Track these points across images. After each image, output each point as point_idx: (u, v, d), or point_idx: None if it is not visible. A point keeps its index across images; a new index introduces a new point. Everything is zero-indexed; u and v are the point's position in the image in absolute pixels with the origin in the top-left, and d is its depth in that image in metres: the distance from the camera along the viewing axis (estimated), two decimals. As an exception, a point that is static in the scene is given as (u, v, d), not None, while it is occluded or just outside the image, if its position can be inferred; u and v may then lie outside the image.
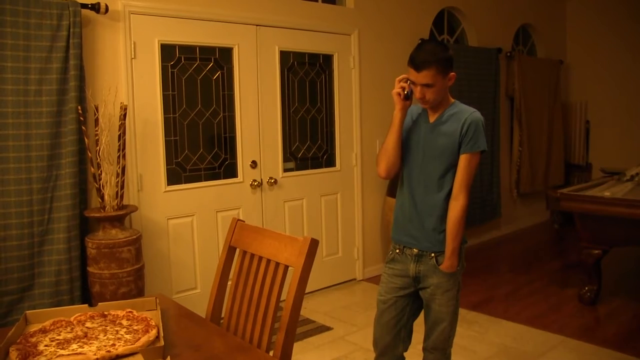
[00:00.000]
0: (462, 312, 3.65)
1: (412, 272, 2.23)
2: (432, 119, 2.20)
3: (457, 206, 2.13)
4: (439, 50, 2.07)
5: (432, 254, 2.19)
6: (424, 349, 2.33)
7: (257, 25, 3.95)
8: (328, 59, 4.46)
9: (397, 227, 2.31)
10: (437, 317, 2.23)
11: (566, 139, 7.00)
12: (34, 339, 1.57)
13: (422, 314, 2.36)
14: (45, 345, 1.53)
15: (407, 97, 2.16)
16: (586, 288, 4.00)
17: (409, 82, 2.14)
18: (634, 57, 6.49)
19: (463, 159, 2.12)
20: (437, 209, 2.17)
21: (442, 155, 2.14)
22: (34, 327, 1.68)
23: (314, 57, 4.37)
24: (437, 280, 2.19)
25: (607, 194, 3.83)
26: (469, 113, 2.14)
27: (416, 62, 2.05)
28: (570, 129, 7.03)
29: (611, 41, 6.68)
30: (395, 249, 2.29)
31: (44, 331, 1.63)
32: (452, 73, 2.12)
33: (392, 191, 4.62)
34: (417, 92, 2.09)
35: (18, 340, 1.56)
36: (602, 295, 4.08)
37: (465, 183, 2.13)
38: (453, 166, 2.14)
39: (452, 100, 2.22)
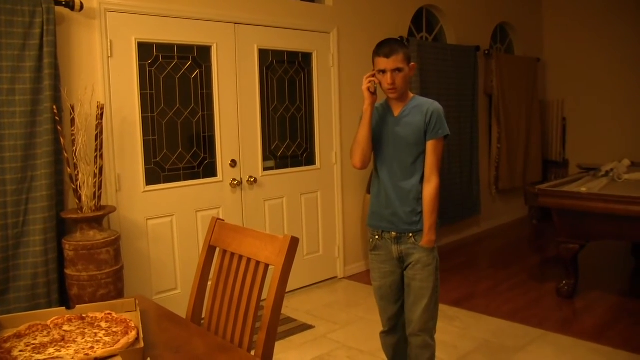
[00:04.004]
0: (444, 309, 3.67)
1: (396, 253, 2.40)
2: (396, 112, 2.39)
3: (430, 188, 2.33)
4: (401, 43, 2.34)
5: (410, 234, 2.36)
6: (410, 335, 2.42)
7: (235, 24, 3.92)
8: (307, 57, 4.45)
9: (373, 214, 2.47)
10: (418, 294, 2.36)
11: (544, 136, 7.10)
12: (7, 345, 1.53)
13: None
14: (20, 351, 1.50)
15: (373, 92, 2.36)
16: (564, 282, 4.06)
17: (374, 77, 2.34)
18: (609, 55, 6.61)
19: (430, 145, 2.33)
20: (412, 193, 2.35)
21: (410, 144, 2.34)
22: (8, 332, 1.64)
23: (293, 55, 4.36)
24: (417, 256, 2.35)
25: (583, 189, 3.89)
26: (430, 104, 2.35)
27: (386, 50, 2.27)
28: (547, 126, 7.13)
29: (587, 39, 6.78)
30: (375, 235, 2.45)
31: (18, 336, 1.59)
32: (413, 63, 2.36)
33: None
34: (388, 78, 2.27)
35: (-8, 346, 1.52)
36: (580, 288, 4.15)
37: (435, 166, 2.34)
38: (421, 153, 2.34)
39: (412, 94, 2.42)
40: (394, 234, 2.38)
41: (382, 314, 2.53)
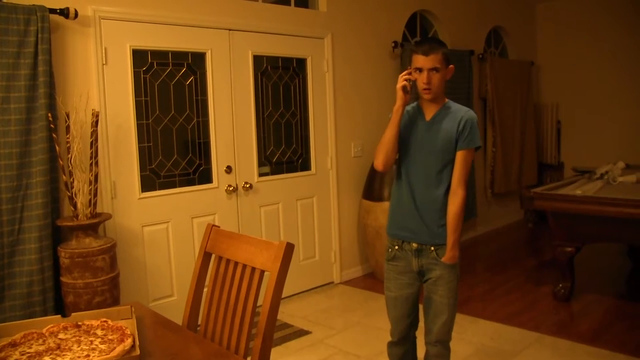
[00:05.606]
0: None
1: (416, 267, 2.31)
2: (428, 117, 2.28)
3: (456, 200, 2.23)
4: (442, 42, 2.23)
5: (432, 248, 2.27)
6: (427, 343, 2.39)
7: (229, 30, 3.93)
8: (301, 62, 4.46)
9: (394, 222, 2.37)
10: (438, 309, 2.30)
11: (538, 139, 7.12)
12: (2, 354, 1.53)
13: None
14: None
15: (407, 92, 2.23)
16: (560, 285, 4.07)
17: (411, 75, 2.22)
18: (602, 59, 6.65)
19: (460, 155, 2.22)
20: (436, 204, 2.25)
21: (440, 152, 2.23)
22: (3, 341, 1.63)
23: (287, 61, 4.37)
24: (439, 272, 2.27)
25: (578, 192, 3.90)
26: (464, 111, 2.24)
27: (424, 48, 2.17)
28: (542, 129, 7.16)
29: (580, 43, 6.83)
30: (394, 245, 2.35)
31: (13, 345, 1.59)
32: (451, 66, 2.24)
33: (367, 194, 4.64)
34: (424, 77, 2.17)
35: (-13, 355, 1.52)
36: (576, 291, 4.16)
37: (463, 178, 2.24)
38: (450, 162, 2.23)
39: (446, 99, 2.31)
40: (414, 245, 2.28)
41: (393, 325, 2.44)
